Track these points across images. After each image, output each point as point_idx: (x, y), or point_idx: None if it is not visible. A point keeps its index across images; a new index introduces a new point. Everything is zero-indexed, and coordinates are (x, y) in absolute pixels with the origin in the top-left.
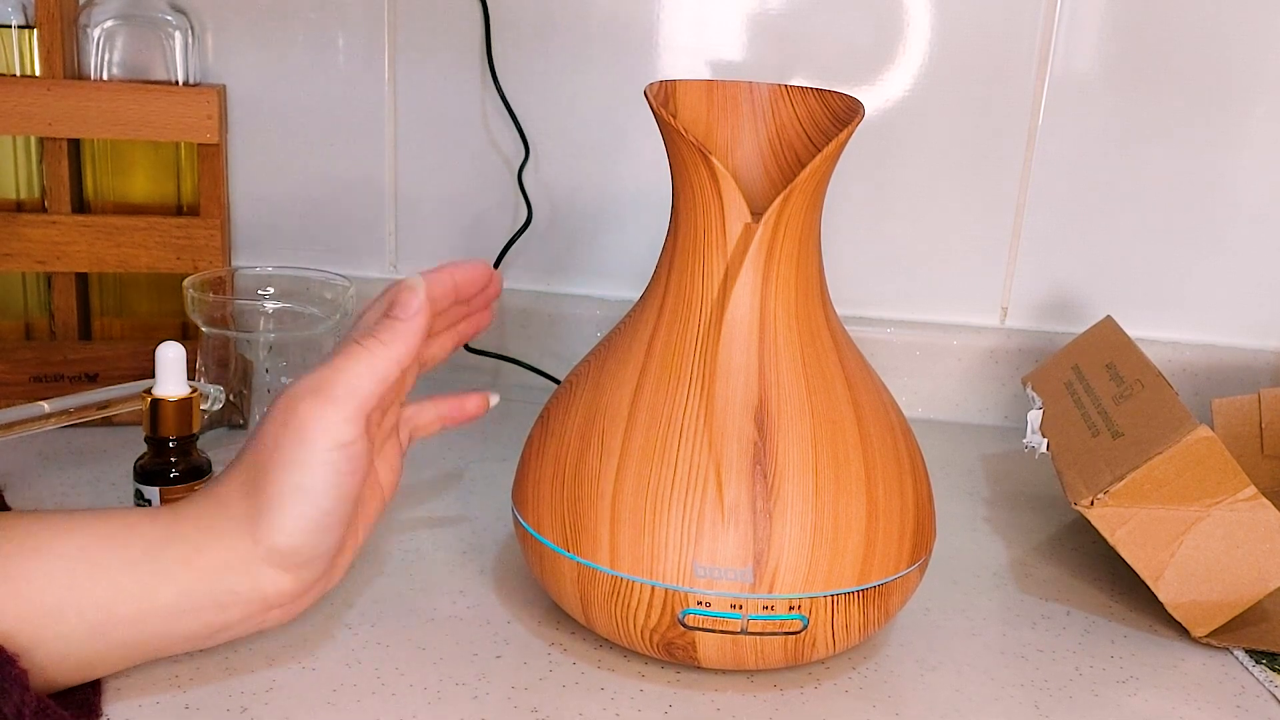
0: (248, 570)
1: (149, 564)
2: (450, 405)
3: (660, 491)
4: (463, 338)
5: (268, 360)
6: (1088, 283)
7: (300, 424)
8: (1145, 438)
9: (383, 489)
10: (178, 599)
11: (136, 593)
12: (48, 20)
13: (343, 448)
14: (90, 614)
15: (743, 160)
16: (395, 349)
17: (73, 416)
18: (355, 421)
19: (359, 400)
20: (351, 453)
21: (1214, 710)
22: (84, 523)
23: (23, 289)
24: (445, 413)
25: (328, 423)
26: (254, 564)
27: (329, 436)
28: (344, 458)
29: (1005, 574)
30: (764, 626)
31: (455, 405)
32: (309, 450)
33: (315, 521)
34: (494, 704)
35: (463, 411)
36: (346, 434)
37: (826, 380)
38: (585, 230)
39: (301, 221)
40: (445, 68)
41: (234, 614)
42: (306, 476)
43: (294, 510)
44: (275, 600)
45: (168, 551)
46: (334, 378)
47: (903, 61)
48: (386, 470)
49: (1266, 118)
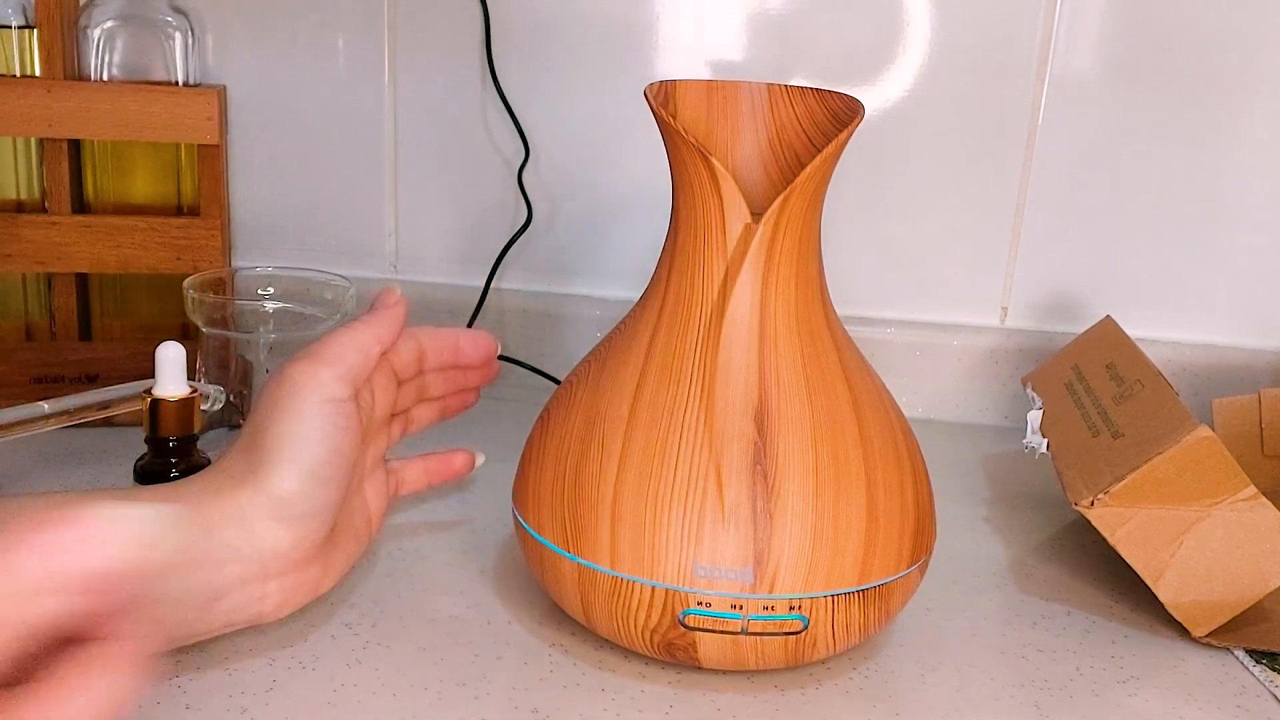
0: (245, 522)
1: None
2: (437, 461)
3: (660, 492)
4: (448, 411)
5: (268, 361)
6: (1088, 283)
7: (292, 382)
8: (1145, 438)
9: (370, 515)
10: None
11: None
12: (48, 21)
13: (334, 402)
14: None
15: (743, 160)
16: (376, 327)
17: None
18: (344, 380)
19: (346, 363)
20: (342, 410)
21: (1214, 710)
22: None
23: (23, 290)
24: (432, 468)
25: (319, 379)
26: (252, 515)
27: (320, 391)
28: (335, 412)
29: (1005, 574)
30: (764, 627)
31: (443, 461)
32: (302, 401)
33: (312, 470)
34: (494, 704)
35: (450, 468)
36: (336, 390)
37: (827, 380)
38: (585, 230)
39: (301, 222)
40: (445, 68)
41: (231, 573)
42: (300, 424)
43: (291, 454)
44: (272, 563)
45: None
46: (321, 345)
47: (903, 61)
48: (374, 498)
49: (1266, 118)
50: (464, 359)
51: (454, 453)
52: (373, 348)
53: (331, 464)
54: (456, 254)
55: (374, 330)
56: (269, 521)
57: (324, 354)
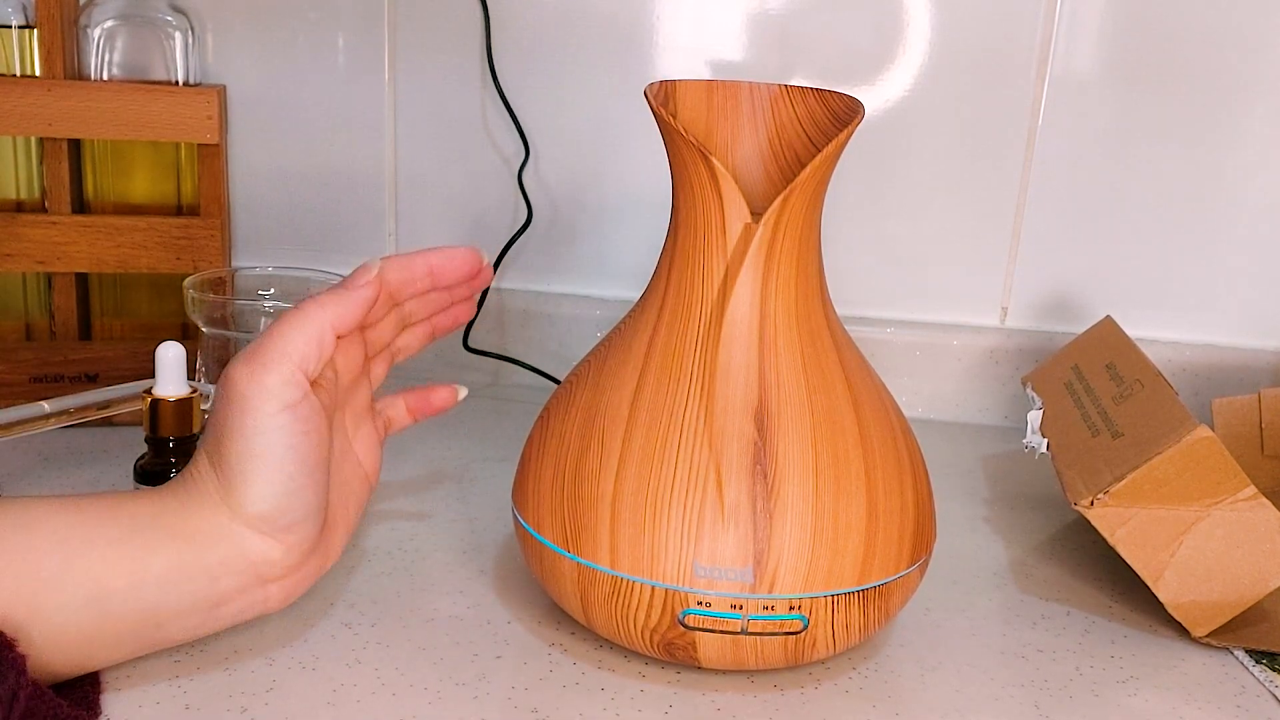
0: (232, 539)
1: (138, 536)
2: (417, 397)
3: (660, 491)
4: (439, 331)
5: None
6: (1088, 283)
7: (240, 395)
8: (1145, 438)
9: (366, 472)
10: (168, 569)
11: (128, 564)
12: (48, 20)
13: (288, 409)
14: (85, 585)
15: (743, 160)
16: (330, 309)
17: (73, 416)
18: (294, 383)
19: (293, 361)
20: (299, 413)
21: (1214, 710)
22: (74, 502)
23: (23, 289)
24: (413, 404)
25: (266, 388)
26: (237, 533)
27: (271, 401)
28: (292, 419)
29: (1005, 574)
30: (764, 627)
31: (421, 397)
32: (255, 417)
33: (281, 485)
34: (494, 704)
35: (429, 404)
36: (288, 395)
37: (826, 380)
38: (585, 230)
39: (302, 221)
40: (445, 68)
41: (227, 585)
42: (258, 443)
43: (256, 477)
44: (268, 571)
45: (155, 524)
46: (264, 344)
47: (903, 61)
48: (366, 452)
49: (1266, 118)
50: (443, 281)
51: (434, 388)
52: (325, 334)
53: (301, 472)
54: None
55: (327, 314)
56: (255, 536)
57: (268, 355)
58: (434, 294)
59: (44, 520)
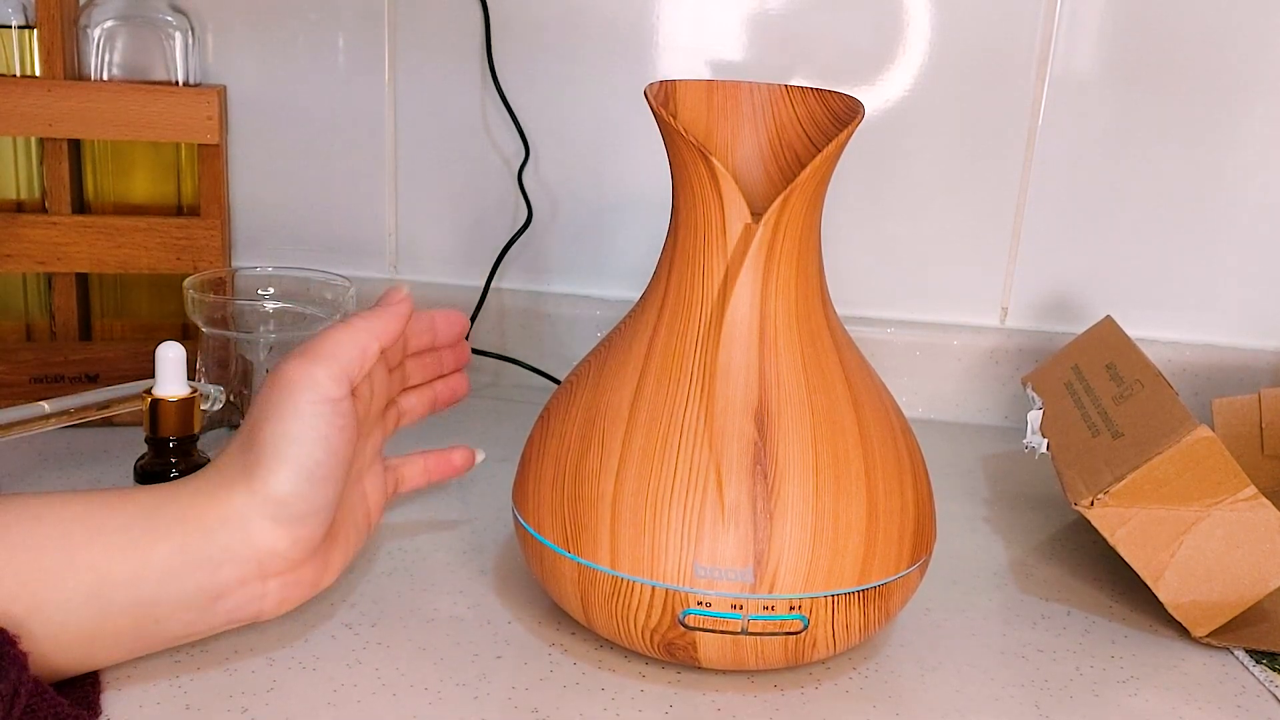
0: (241, 524)
1: (143, 523)
2: (437, 458)
3: (660, 492)
4: (440, 401)
5: (268, 361)
6: (1088, 283)
7: (287, 381)
8: (1145, 438)
9: (369, 508)
10: (170, 557)
11: (132, 551)
12: (48, 20)
13: (329, 401)
14: (87, 577)
15: (743, 160)
16: (375, 324)
17: (73, 417)
18: (339, 380)
19: (340, 362)
20: (338, 409)
21: (1214, 710)
22: (81, 494)
23: (23, 289)
24: (432, 465)
25: (313, 378)
26: (248, 516)
27: (315, 390)
28: (332, 411)
29: (1005, 574)
30: (764, 627)
31: (442, 459)
32: (297, 401)
33: (308, 470)
34: (494, 704)
35: (449, 465)
36: (331, 390)
37: (826, 380)
38: (585, 230)
39: (301, 222)
40: (445, 68)
41: (228, 575)
42: (295, 424)
43: (287, 454)
44: (270, 563)
45: (161, 512)
46: (316, 344)
47: (903, 61)
48: (374, 489)
49: (1266, 118)
50: (441, 340)
51: (453, 450)
52: (371, 345)
53: (328, 463)
54: (456, 254)
55: (373, 327)
56: (265, 522)
57: (319, 351)
58: (428, 357)
59: (49, 511)
